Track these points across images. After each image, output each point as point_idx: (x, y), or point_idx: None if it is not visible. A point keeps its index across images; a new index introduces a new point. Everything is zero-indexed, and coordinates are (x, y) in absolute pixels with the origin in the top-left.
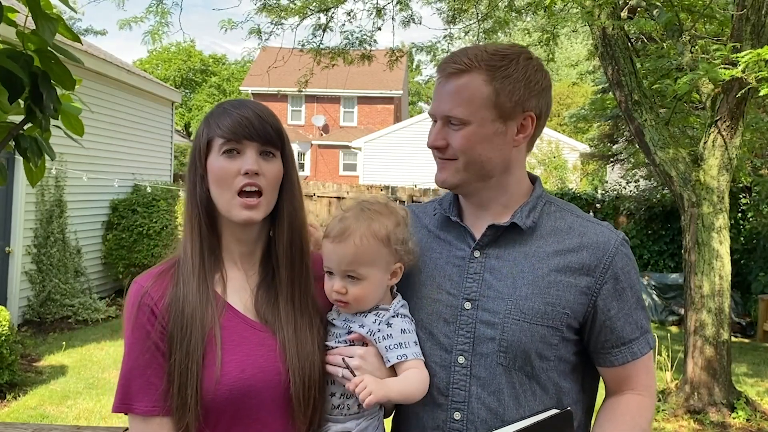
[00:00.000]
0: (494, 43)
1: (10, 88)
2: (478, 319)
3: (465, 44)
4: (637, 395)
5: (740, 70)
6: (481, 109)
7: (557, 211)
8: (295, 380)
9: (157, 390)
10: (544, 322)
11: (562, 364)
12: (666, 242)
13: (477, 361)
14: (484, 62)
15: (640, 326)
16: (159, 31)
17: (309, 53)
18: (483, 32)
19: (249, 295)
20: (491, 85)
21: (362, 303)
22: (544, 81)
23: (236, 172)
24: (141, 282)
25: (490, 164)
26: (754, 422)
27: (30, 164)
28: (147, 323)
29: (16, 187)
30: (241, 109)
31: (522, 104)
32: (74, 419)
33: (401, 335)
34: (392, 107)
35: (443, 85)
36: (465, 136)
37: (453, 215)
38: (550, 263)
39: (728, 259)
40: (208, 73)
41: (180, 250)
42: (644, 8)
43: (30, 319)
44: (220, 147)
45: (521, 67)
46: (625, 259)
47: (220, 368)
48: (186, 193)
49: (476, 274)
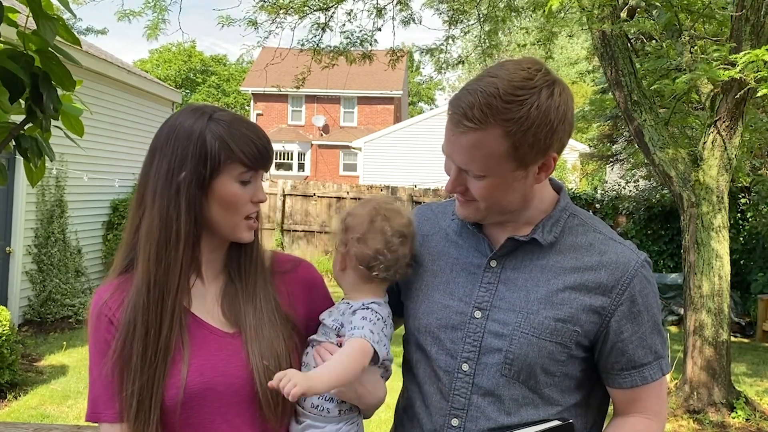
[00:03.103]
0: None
1: (11, 89)
2: (487, 329)
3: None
4: (644, 419)
5: (739, 70)
6: (501, 163)
7: (580, 225)
8: (261, 381)
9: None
10: (552, 338)
11: (567, 380)
12: (665, 242)
13: (481, 370)
14: (500, 115)
15: (654, 351)
16: (156, 27)
17: (308, 52)
18: (484, 33)
19: (211, 301)
20: (509, 141)
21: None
22: (568, 110)
23: (248, 200)
24: (101, 292)
25: (511, 205)
26: (753, 422)
27: (30, 164)
28: (106, 333)
29: (16, 187)
30: (255, 132)
31: (544, 151)
32: (75, 419)
33: (360, 321)
34: (392, 107)
35: (456, 137)
36: (484, 188)
37: (471, 224)
38: (566, 279)
39: (728, 259)
40: (208, 74)
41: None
42: (644, 8)
43: (30, 319)
44: (240, 174)
45: (543, 109)
46: (644, 281)
47: (186, 374)
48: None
49: (490, 284)
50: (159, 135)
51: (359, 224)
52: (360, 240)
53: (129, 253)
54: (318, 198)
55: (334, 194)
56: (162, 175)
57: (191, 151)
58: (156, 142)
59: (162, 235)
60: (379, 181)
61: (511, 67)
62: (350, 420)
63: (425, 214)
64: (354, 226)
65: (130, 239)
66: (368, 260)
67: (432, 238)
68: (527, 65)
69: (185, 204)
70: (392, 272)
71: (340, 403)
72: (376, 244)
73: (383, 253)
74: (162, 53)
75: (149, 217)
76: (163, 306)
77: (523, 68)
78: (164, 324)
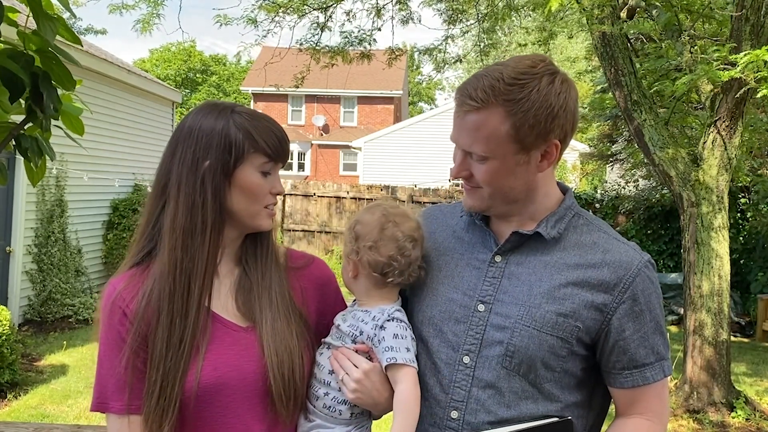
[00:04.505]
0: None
1: (11, 88)
2: (490, 321)
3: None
4: (645, 420)
5: (739, 70)
6: (502, 145)
7: (585, 225)
8: (275, 376)
9: (132, 390)
10: (553, 332)
11: (567, 377)
12: (665, 242)
13: (481, 363)
14: (502, 96)
15: (656, 352)
16: (150, 21)
17: (308, 52)
18: (483, 32)
19: (225, 294)
20: (510, 121)
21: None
22: (569, 99)
23: (268, 191)
24: (114, 283)
25: (514, 192)
26: (753, 422)
27: (30, 164)
28: (119, 325)
29: (16, 187)
30: (277, 126)
31: (544, 135)
32: (75, 419)
33: (393, 339)
34: (392, 107)
35: (461, 119)
36: (487, 171)
37: (478, 218)
38: (568, 275)
39: (727, 259)
40: (208, 73)
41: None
42: (643, 8)
43: (31, 319)
44: (262, 165)
45: (543, 94)
46: (647, 281)
47: (201, 369)
48: (195, 195)
49: (494, 278)
50: (180, 128)
51: (370, 232)
52: (372, 248)
53: (146, 244)
54: (318, 198)
55: (334, 194)
56: (187, 164)
57: (216, 141)
58: (177, 134)
59: (188, 223)
60: (379, 181)
61: (519, 58)
62: (360, 424)
63: (434, 213)
64: (364, 234)
65: (148, 230)
66: (382, 267)
67: (439, 235)
68: (533, 57)
69: (211, 191)
70: (406, 276)
71: (352, 407)
72: (389, 251)
73: (397, 259)
74: (162, 53)
75: (174, 206)
76: (189, 293)
77: (529, 59)
78: (191, 311)
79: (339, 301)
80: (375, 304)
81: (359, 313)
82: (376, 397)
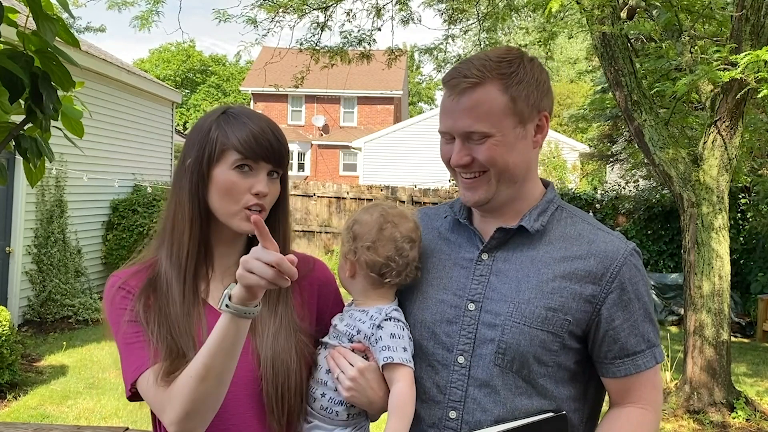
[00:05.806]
0: (491, 50)
1: (11, 89)
2: (480, 320)
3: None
4: (639, 408)
5: (739, 71)
6: (502, 118)
7: (568, 217)
8: (268, 380)
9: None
10: (544, 327)
11: (561, 371)
12: (665, 242)
13: (476, 362)
14: (495, 71)
15: (647, 339)
16: (149, 18)
17: (308, 52)
18: (483, 31)
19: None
20: (507, 94)
21: None
22: (548, 79)
23: (246, 190)
24: (119, 275)
25: (517, 170)
26: (753, 422)
27: (30, 165)
28: (125, 303)
29: (16, 187)
30: (259, 124)
31: (537, 106)
32: (75, 419)
33: (390, 339)
34: (392, 107)
35: (457, 102)
36: (490, 148)
37: (462, 218)
38: (555, 269)
39: (728, 259)
40: (208, 74)
41: (163, 250)
42: (643, 8)
43: (30, 319)
44: (234, 162)
45: (528, 70)
46: (633, 269)
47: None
48: (182, 192)
49: (482, 276)
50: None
51: (368, 232)
52: (370, 248)
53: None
54: (318, 198)
55: (334, 194)
56: (179, 163)
57: (198, 139)
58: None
59: (172, 219)
60: (379, 181)
61: (493, 49)
62: (357, 425)
63: (419, 217)
64: (362, 234)
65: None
66: (380, 267)
67: (425, 238)
68: (504, 47)
69: (188, 188)
70: (403, 277)
71: (349, 408)
72: (387, 251)
73: (394, 259)
74: (161, 53)
75: (168, 201)
76: (185, 284)
77: (502, 48)
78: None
79: (338, 302)
80: (372, 304)
81: (356, 312)
82: (371, 396)
